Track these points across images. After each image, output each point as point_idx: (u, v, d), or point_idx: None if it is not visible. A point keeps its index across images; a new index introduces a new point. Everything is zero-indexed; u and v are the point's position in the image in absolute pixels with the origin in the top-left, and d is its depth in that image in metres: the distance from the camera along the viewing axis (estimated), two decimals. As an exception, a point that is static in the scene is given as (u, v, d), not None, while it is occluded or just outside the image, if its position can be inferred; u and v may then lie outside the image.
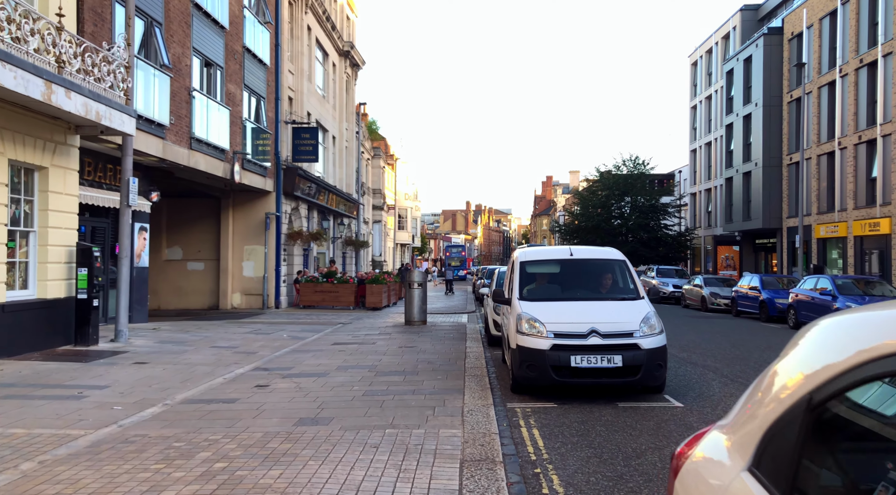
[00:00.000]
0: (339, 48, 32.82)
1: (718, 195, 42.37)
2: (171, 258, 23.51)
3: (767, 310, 20.93)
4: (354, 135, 37.01)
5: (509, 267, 10.64)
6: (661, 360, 7.66)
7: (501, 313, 9.87)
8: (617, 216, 44.86)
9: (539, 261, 9.41)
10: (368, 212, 46.10)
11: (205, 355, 11.31)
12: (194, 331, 14.97)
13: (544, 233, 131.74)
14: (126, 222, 12.66)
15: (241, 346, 12.60)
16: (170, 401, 7.56)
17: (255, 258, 23.08)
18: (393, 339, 13.94)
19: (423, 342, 13.40)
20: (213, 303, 23.19)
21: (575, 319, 7.83)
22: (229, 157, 19.21)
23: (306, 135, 24.19)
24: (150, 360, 10.51)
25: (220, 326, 16.32)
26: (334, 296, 23.55)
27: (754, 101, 34.82)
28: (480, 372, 9.61)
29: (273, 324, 17.26)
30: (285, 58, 23.94)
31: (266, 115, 22.50)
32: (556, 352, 7.56)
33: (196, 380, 8.93)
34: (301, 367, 10.18)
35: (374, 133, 56.54)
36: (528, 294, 8.72)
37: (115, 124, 11.31)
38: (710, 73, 44.38)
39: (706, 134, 45.11)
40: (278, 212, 23.07)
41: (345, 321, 18.64)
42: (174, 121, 15.76)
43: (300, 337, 14.43)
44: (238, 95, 19.97)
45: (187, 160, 16.53)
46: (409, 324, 17.22)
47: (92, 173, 14.09)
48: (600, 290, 8.88)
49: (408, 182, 72.11)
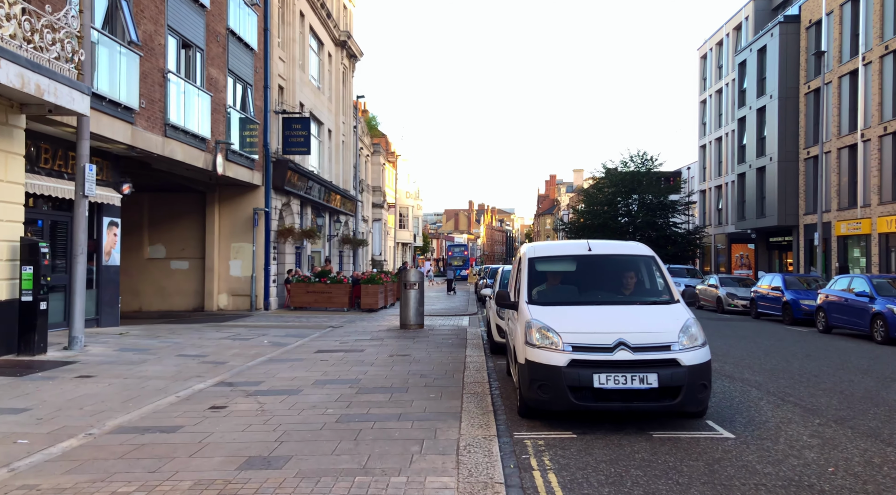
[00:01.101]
0: (335, 38, 31.37)
1: (730, 192, 40.84)
2: (154, 256, 22.09)
3: (791, 313, 19.42)
4: (352, 130, 35.56)
5: (515, 264, 9.17)
6: (706, 379, 6.18)
7: (507, 319, 8.37)
8: (624, 214, 43.37)
9: (551, 258, 7.93)
10: (368, 210, 44.67)
11: (165, 366, 9.86)
12: (165, 336, 13.53)
13: (548, 233, 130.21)
14: (81, 214, 11.21)
15: (211, 355, 11.15)
16: (96, 431, 6.11)
17: (243, 257, 21.64)
18: (384, 346, 12.48)
19: (418, 349, 11.94)
20: (199, 305, 21.77)
21: (597, 328, 6.36)
22: (211, 147, 17.76)
23: (297, 126, 22.74)
24: (98, 373, 9.06)
25: (197, 330, 14.88)
26: (327, 296, 22.10)
27: (769, 93, 33.29)
28: (482, 388, 8.14)
29: (256, 328, 15.82)
30: (275, 43, 22.50)
31: (254, 103, 21.06)
32: (575, 370, 6.08)
33: (141, 400, 7.48)
34: (272, 382, 8.72)
35: (374, 129, 55.11)
36: (539, 297, 7.24)
37: (64, 101, 9.86)
38: (721, 65, 42.84)
39: (716, 129, 43.57)
40: (267, 208, 21.63)
41: (336, 324, 17.19)
42: (145, 105, 14.32)
43: (282, 343, 12.98)
44: (221, 81, 18.52)
45: (161, 148, 15.08)
46: (404, 328, 15.76)
47: (50, 161, 12.66)
48: (626, 292, 7.40)
49: (409, 180, 70.69)
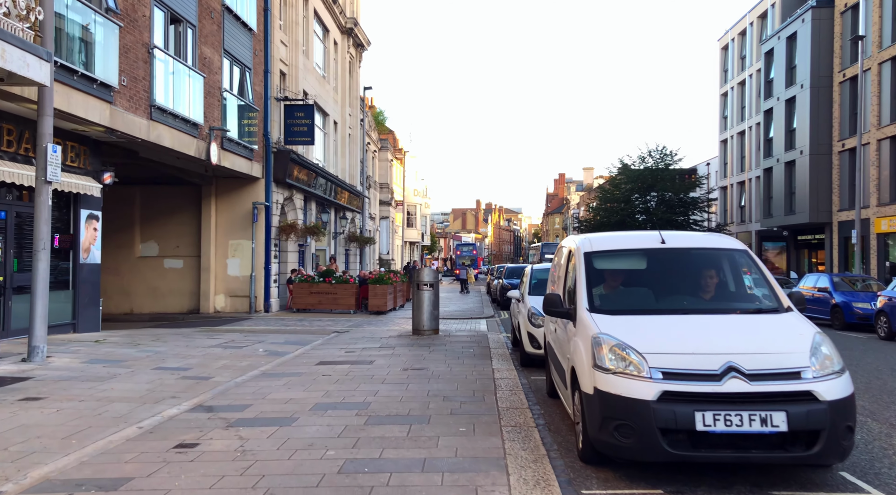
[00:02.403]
0: (342, 25, 29.76)
1: (754, 188, 38.99)
2: (146, 254, 20.52)
3: (842, 316, 17.65)
4: (359, 123, 33.96)
5: (559, 261, 7.49)
6: (851, 420, 4.48)
7: (554, 329, 6.67)
8: (641, 211, 41.54)
9: (614, 253, 6.21)
10: (375, 208, 43.07)
11: (136, 383, 8.23)
12: (147, 344, 11.91)
13: (557, 232, 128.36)
14: (44, 203, 9.60)
15: (194, 368, 9.52)
16: (8, 487, 4.47)
17: (242, 254, 20.05)
18: (396, 356, 10.82)
19: (436, 361, 10.27)
20: (194, 306, 20.19)
21: (695, 347, 4.68)
22: (204, 134, 16.15)
23: (300, 114, 21.12)
24: (50, 394, 7.43)
25: (186, 337, 13.26)
26: (332, 298, 20.48)
27: (799, 83, 31.45)
28: (523, 417, 6.46)
29: (253, 333, 14.19)
30: (276, 25, 20.88)
31: (253, 89, 19.45)
32: (670, 406, 4.40)
33: (91, 434, 5.85)
34: (261, 405, 7.07)
35: (381, 125, 53.49)
36: (604, 303, 5.56)
37: (15, 66, 8.25)
38: (744, 56, 40.97)
39: (739, 122, 41.70)
40: (268, 202, 20.02)
41: (341, 329, 15.56)
42: (126, 82, 12.71)
43: (279, 352, 11.34)
44: (216, 61, 16.91)
45: (146, 133, 13.48)
46: (417, 334, 14.10)
47: (14, 144, 11.07)
48: (714, 297, 5.71)
49: (417, 177, 69.08)
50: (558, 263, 7.64)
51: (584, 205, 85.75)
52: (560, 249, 7.80)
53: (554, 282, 7.85)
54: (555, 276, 7.67)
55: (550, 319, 7.09)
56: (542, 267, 11.74)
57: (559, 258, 7.60)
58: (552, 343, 7.02)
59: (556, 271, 7.77)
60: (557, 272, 7.67)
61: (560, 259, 7.50)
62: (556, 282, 7.66)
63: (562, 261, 7.28)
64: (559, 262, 7.58)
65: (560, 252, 7.71)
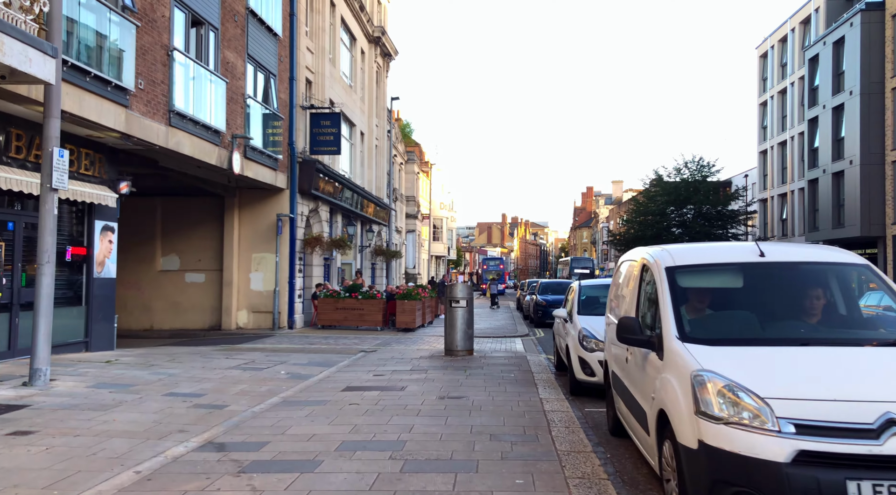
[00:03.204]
0: (369, 33, 29.14)
1: (797, 200, 37.33)
2: (167, 268, 19.85)
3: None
4: (386, 134, 33.23)
5: (623, 276, 6.44)
6: None
7: (628, 358, 5.60)
8: (677, 224, 40.12)
9: (704, 268, 5.12)
10: (401, 221, 42.26)
11: (143, 412, 7.33)
12: (162, 365, 11.06)
13: (584, 246, 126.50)
14: (49, 212, 8.82)
15: (209, 394, 8.61)
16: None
17: (265, 269, 19.27)
18: (430, 381, 9.80)
19: (475, 387, 9.23)
20: (216, 322, 19.42)
21: (837, 391, 3.61)
22: (226, 142, 15.43)
23: (326, 123, 20.38)
24: (45, 426, 6.56)
25: (204, 357, 12.41)
26: (359, 314, 19.58)
27: (848, 89, 29.96)
28: (590, 466, 5.38)
29: (275, 353, 13.30)
30: (302, 31, 20.23)
31: (277, 96, 18.75)
32: (810, 472, 3.33)
33: (79, 481, 4.93)
34: (279, 443, 6.10)
35: (408, 137, 52.88)
36: (696, 329, 4.50)
37: (17, 62, 7.50)
38: (785, 63, 39.49)
39: (779, 132, 40.13)
40: (292, 214, 19.24)
41: (368, 347, 14.60)
42: (144, 86, 12.01)
43: (302, 375, 10.40)
44: (239, 67, 16.22)
45: (165, 140, 12.75)
46: (450, 354, 13.07)
47: (24, 150, 10.38)
48: (836, 323, 4.62)
49: (443, 191, 68.29)
50: (622, 280, 6.58)
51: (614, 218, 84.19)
52: (623, 264, 6.74)
53: (616, 301, 6.78)
54: (619, 295, 6.60)
55: (615, 345, 6.03)
56: (592, 283, 10.67)
57: (623, 274, 6.54)
58: (619, 374, 5.94)
59: (619, 289, 6.70)
60: (620, 290, 6.61)
61: (625, 275, 6.44)
62: (619, 302, 6.59)
63: (628, 277, 6.22)
64: (623, 279, 6.52)
65: (624, 267, 6.64)
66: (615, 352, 6.23)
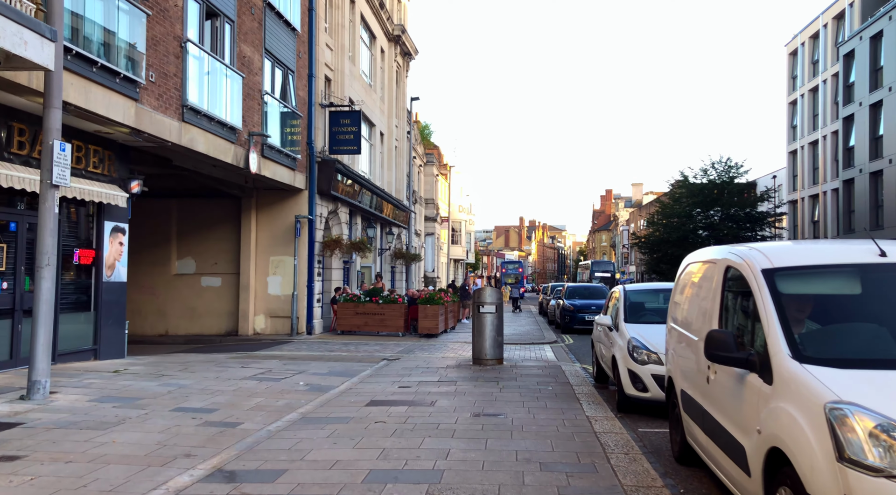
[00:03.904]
0: (389, 32, 28.46)
1: (830, 201, 36.00)
2: (183, 272, 19.23)
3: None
4: (406, 135, 32.53)
5: (695, 279, 5.58)
6: None
7: (707, 377, 4.73)
8: (704, 226, 38.94)
9: (811, 270, 4.24)
10: (420, 224, 41.54)
11: (147, 432, 6.59)
12: (173, 374, 10.35)
13: (604, 250, 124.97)
14: (49, 210, 8.14)
15: (221, 409, 7.86)
16: None
17: (284, 272, 18.58)
18: (461, 394, 8.98)
19: (512, 403, 8.39)
20: (232, 328, 18.75)
21: None
22: (243, 140, 14.75)
23: (346, 121, 19.67)
24: (35, 450, 5.83)
25: (219, 365, 11.69)
26: (379, 319, 18.80)
27: (887, 85, 28.71)
28: (667, 506, 4.52)
29: (293, 361, 12.55)
30: (321, 27, 19.56)
31: (296, 94, 18.08)
32: None
33: (60, 524, 4.16)
34: (298, 473, 5.32)
35: (427, 139, 52.17)
36: (812, 347, 3.64)
37: (10, 44, 6.82)
38: (817, 60, 38.20)
39: (811, 131, 38.82)
40: (311, 215, 18.54)
41: (390, 355, 13.81)
42: (155, 78, 11.34)
43: (322, 387, 9.63)
44: (256, 61, 15.56)
45: (178, 136, 12.08)
46: (478, 364, 12.24)
47: (27, 145, 9.74)
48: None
49: (462, 193, 67.49)
50: (691, 284, 5.71)
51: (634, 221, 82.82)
52: (691, 265, 5.87)
53: (682, 309, 5.91)
54: (687, 302, 5.73)
55: (682, 357, 5.16)
56: (638, 287, 9.79)
57: (693, 277, 5.67)
58: (695, 394, 5.07)
59: (686, 294, 5.83)
60: (688, 296, 5.73)
61: (696, 279, 5.57)
62: (687, 310, 5.72)
63: (701, 281, 5.35)
64: (693, 283, 5.65)
65: (693, 270, 5.77)
66: (686, 367, 5.36)
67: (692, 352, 5.20)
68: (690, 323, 5.42)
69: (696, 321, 5.25)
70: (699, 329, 5.09)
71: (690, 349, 5.29)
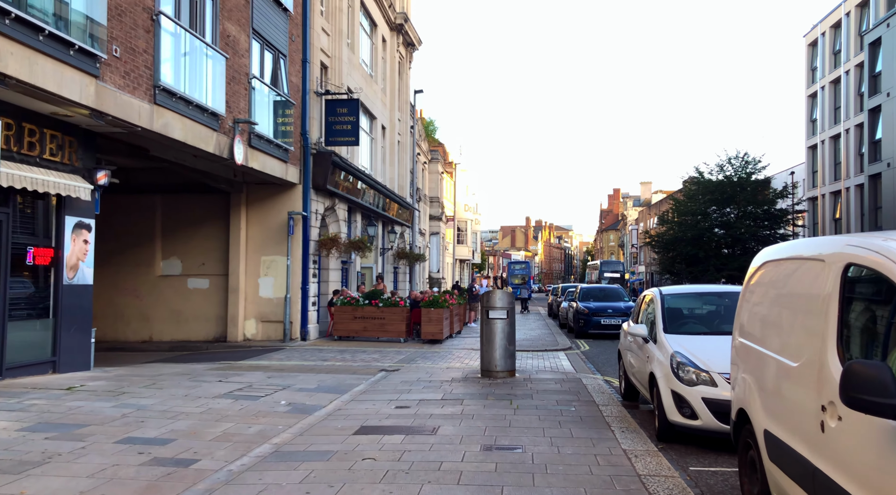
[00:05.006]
0: (391, 20, 27.09)
1: (853, 198, 34.43)
2: (168, 273, 17.89)
3: None
4: (409, 130, 31.14)
5: (783, 287, 4.16)
6: None
7: (821, 422, 3.28)
8: (720, 225, 37.44)
9: None
10: (425, 223, 40.15)
11: (73, 476, 5.23)
12: (136, 392, 8.99)
13: (612, 250, 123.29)
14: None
15: (179, 439, 6.48)
16: None
17: (276, 273, 17.22)
18: (468, 418, 7.58)
19: (529, 430, 6.98)
20: (221, 333, 17.41)
21: None
22: (227, 127, 13.40)
23: (343, 110, 18.30)
24: (-90, 507, 4.47)
25: (192, 379, 10.32)
26: (379, 323, 17.43)
27: (917, 74, 27.15)
28: None
29: (280, 373, 11.18)
30: (316, 9, 18.19)
31: (288, 80, 16.72)
32: None
33: None
34: (250, 548, 3.92)
35: (431, 136, 50.82)
36: None
37: None
38: (838, 50, 36.61)
39: (832, 124, 37.25)
40: (305, 212, 17.18)
41: (389, 365, 12.44)
42: (121, 54, 9.99)
43: (307, 406, 8.26)
44: (242, 42, 14.20)
45: (150, 120, 10.73)
46: (487, 376, 10.85)
47: (-35, 127, 8.37)
48: None
49: (468, 192, 66.08)
50: (786, 289, 4.28)
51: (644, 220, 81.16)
52: (775, 265, 4.45)
53: (762, 321, 4.48)
54: (783, 315, 4.29)
55: (774, 387, 3.76)
56: (676, 291, 8.35)
57: (786, 280, 4.25)
58: (795, 443, 3.65)
59: (778, 304, 4.40)
60: (782, 308, 4.30)
61: (790, 281, 4.15)
62: (774, 324, 4.30)
63: (799, 285, 3.93)
64: (787, 287, 4.23)
65: (781, 272, 4.35)
66: (775, 401, 3.94)
67: (789, 381, 3.80)
68: (783, 341, 4.01)
69: (793, 340, 3.84)
70: (799, 351, 3.69)
71: (784, 377, 3.88)
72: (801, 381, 3.62)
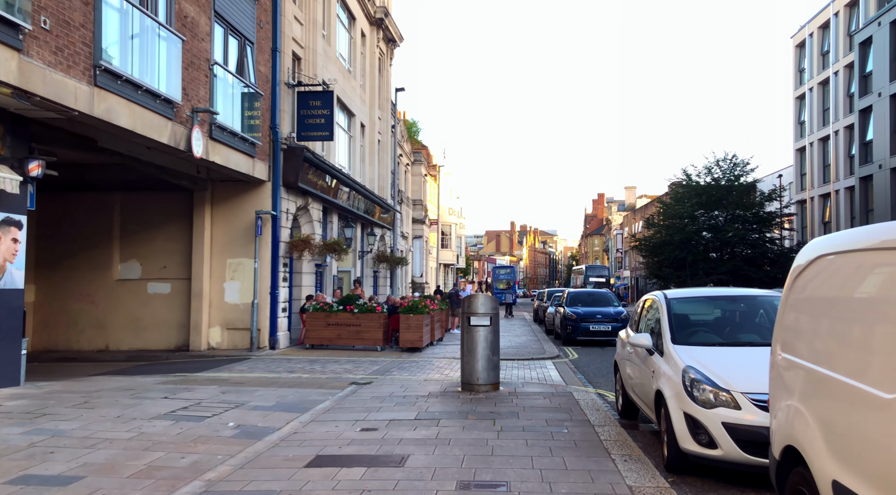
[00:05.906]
0: (370, 14, 26.01)
1: (842, 200, 33.83)
2: (126, 277, 16.61)
3: None
4: (389, 129, 30.03)
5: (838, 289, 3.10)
6: None
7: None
8: (708, 228, 36.71)
9: None
10: (407, 226, 39.01)
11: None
12: (59, 413, 7.77)
13: (597, 254, 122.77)
14: None
15: (88, 476, 5.32)
16: None
17: (243, 277, 16.02)
18: (444, 443, 6.47)
19: (515, 458, 5.89)
20: (183, 342, 16.15)
21: None
22: (183, 116, 12.21)
23: (317, 103, 17.17)
24: None
25: (132, 397, 9.11)
26: (355, 330, 16.28)
27: (909, 73, 26.55)
28: None
29: (238, 387, 10.00)
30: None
31: (256, 69, 15.56)
32: None
33: None
34: None
35: (414, 137, 49.75)
36: None
37: None
38: (827, 51, 36.09)
39: (821, 126, 36.69)
40: (275, 211, 16.00)
41: (361, 377, 11.30)
42: (51, 26, 8.80)
43: (258, 429, 7.10)
44: (202, 25, 13.03)
45: (88, 104, 9.53)
46: (468, 390, 9.75)
47: None
48: None
49: (452, 195, 65.06)
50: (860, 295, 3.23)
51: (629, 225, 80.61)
52: (841, 259, 3.40)
53: (824, 336, 3.43)
54: (863, 330, 3.23)
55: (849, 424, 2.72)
56: (683, 295, 7.30)
57: (860, 284, 3.19)
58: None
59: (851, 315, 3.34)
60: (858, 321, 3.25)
61: (867, 285, 3.10)
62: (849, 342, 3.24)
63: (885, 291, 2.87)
64: (863, 292, 3.17)
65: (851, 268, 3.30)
66: (849, 443, 2.88)
67: (878, 419, 2.73)
68: (865, 362, 2.95)
69: (882, 362, 2.78)
70: (894, 378, 2.62)
71: (869, 413, 2.82)
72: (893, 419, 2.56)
